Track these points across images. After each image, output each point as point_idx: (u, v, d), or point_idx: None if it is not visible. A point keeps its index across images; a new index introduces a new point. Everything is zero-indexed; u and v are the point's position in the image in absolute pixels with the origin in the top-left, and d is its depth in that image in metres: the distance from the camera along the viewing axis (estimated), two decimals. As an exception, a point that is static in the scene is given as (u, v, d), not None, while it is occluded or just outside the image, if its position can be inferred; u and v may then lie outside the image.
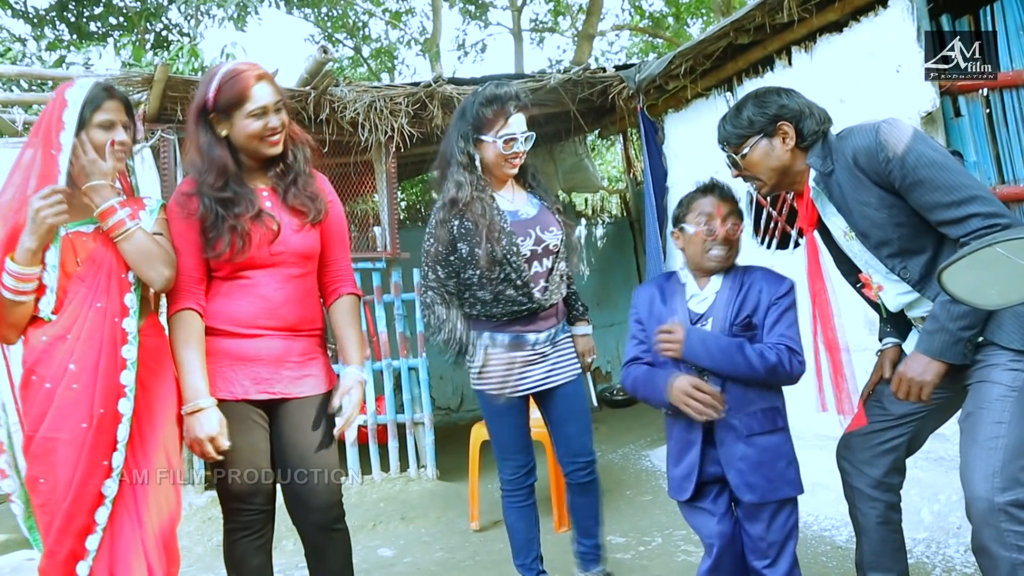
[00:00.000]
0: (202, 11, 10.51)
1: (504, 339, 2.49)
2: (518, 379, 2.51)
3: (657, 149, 5.06)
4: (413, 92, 4.70)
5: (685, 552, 3.26)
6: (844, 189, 1.89)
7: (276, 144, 2.07)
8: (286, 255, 2.07)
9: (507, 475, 2.61)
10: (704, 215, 2.08)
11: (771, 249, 4.19)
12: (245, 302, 2.04)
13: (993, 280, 1.66)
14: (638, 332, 2.20)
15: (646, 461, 5.08)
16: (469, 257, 2.42)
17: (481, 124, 2.44)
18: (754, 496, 1.99)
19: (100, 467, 1.85)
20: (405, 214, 7.80)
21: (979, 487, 1.71)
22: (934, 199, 1.75)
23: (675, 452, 2.12)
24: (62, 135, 1.92)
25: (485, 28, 15.05)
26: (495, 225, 2.39)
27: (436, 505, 4.32)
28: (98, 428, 1.85)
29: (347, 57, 14.01)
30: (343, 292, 2.22)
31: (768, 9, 3.78)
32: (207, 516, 4.08)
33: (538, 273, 2.49)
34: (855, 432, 2.10)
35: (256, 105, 2.00)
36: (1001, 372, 1.76)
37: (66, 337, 1.88)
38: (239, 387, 2.02)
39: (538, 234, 2.49)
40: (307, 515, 2.09)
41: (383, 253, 4.93)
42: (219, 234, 1.99)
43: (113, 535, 1.86)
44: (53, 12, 10.25)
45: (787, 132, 1.95)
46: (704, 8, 12.99)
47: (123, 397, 1.90)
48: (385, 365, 4.74)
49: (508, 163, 2.47)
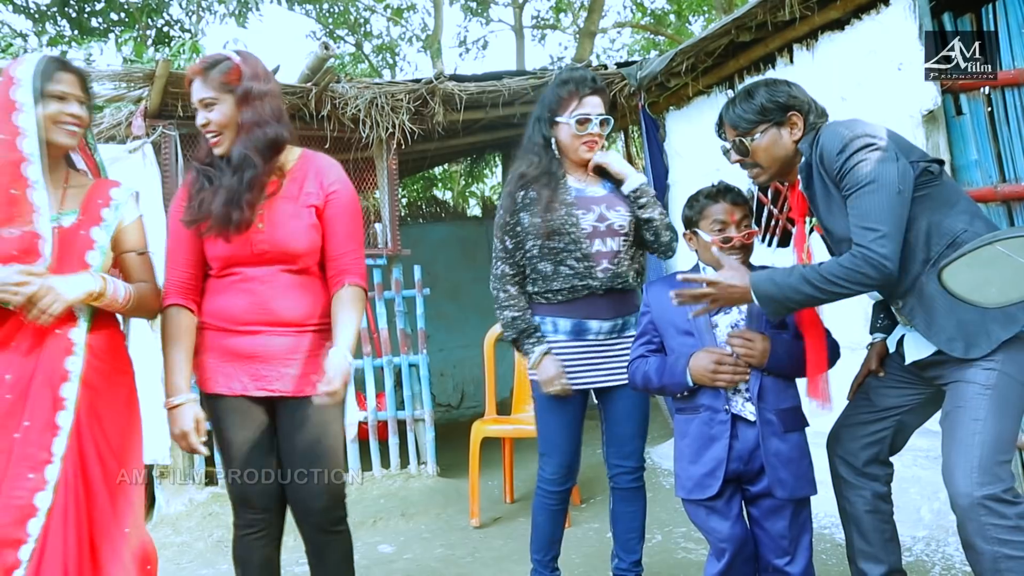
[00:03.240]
0: (204, 7, 10.51)
1: (566, 324, 2.41)
2: (577, 372, 2.40)
3: (658, 146, 5.06)
4: (415, 89, 4.70)
5: (685, 549, 3.27)
6: (814, 182, 1.92)
7: (216, 145, 2.03)
8: (272, 253, 2.03)
9: (547, 473, 2.47)
10: (718, 222, 2.08)
11: (772, 247, 4.19)
12: (236, 298, 2.03)
13: (993, 278, 1.68)
14: (650, 331, 2.18)
15: (647, 458, 5.06)
16: (530, 227, 2.40)
17: (556, 106, 2.43)
18: (785, 492, 2.00)
19: (26, 479, 1.77)
20: (406, 211, 7.80)
21: (960, 483, 1.74)
22: (854, 215, 1.79)
23: (693, 449, 2.06)
24: (17, 117, 1.81)
25: (487, 25, 15.04)
26: (556, 196, 2.36)
27: (436, 502, 4.32)
28: (24, 441, 1.78)
29: (348, 53, 13.96)
30: (346, 281, 2.08)
31: (770, 7, 3.78)
32: (207, 512, 4.09)
33: (601, 252, 2.39)
34: (843, 423, 2.12)
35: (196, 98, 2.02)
36: (976, 372, 1.80)
37: (8, 345, 1.82)
38: (237, 383, 2.02)
39: (603, 211, 2.41)
40: (307, 516, 2.07)
41: (384, 250, 4.93)
42: (201, 199, 2.00)
43: (45, 548, 1.77)
44: (55, 8, 10.23)
45: (796, 123, 1.96)
46: (706, 6, 12.97)
47: (61, 410, 1.82)
48: (386, 362, 4.74)
49: (583, 145, 2.43)
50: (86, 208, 1.95)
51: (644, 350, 2.18)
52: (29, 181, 1.82)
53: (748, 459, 2.02)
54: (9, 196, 1.81)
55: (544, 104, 2.48)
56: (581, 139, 2.42)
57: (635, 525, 2.51)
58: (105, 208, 1.97)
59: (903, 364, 2.02)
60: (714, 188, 2.15)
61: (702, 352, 2.01)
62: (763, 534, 2.06)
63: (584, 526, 3.71)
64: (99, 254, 1.92)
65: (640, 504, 2.52)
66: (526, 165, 2.45)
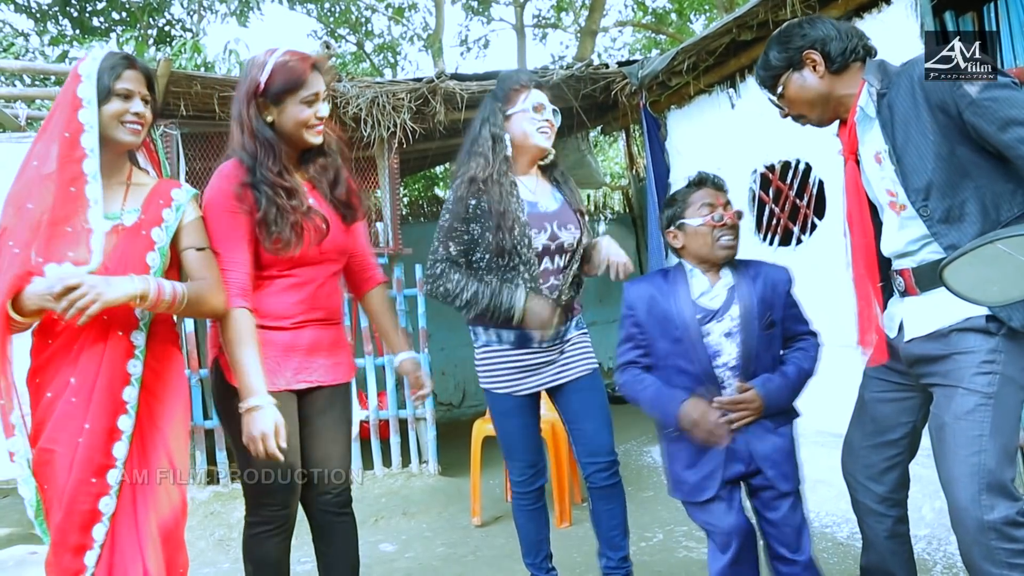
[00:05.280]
0: (205, 6, 10.52)
1: (510, 335, 2.39)
2: (525, 378, 2.42)
3: (660, 145, 5.06)
4: (416, 88, 4.70)
5: (686, 548, 3.27)
6: (895, 109, 1.79)
7: (320, 134, 2.07)
8: (332, 252, 2.10)
9: (515, 476, 2.51)
10: (706, 205, 2.08)
11: (773, 246, 4.19)
12: (293, 298, 2.04)
13: (995, 277, 1.64)
14: (636, 335, 2.14)
15: (647, 457, 5.09)
16: (480, 239, 2.36)
17: (506, 100, 2.42)
18: (789, 485, 2.04)
19: (90, 484, 1.77)
20: (407, 210, 7.80)
21: (967, 506, 1.67)
22: (1009, 115, 1.62)
23: (689, 455, 2.06)
24: (82, 114, 1.80)
25: (488, 24, 15.05)
26: (510, 213, 2.31)
27: (438, 500, 4.33)
28: (88, 444, 1.77)
29: (349, 53, 13.99)
30: (378, 280, 2.32)
31: (771, 5, 3.78)
32: (209, 511, 4.10)
33: (548, 270, 2.39)
34: (856, 448, 2.04)
35: (310, 92, 2.00)
36: (974, 376, 1.70)
37: (71, 347, 1.80)
38: (282, 379, 2.02)
39: (554, 230, 2.40)
40: (318, 496, 2.13)
41: (386, 249, 4.93)
42: (280, 230, 1.95)
43: (112, 551, 1.79)
44: (56, 7, 10.24)
45: (814, 60, 1.89)
46: (707, 5, 12.97)
47: (123, 414, 1.82)
48: (387, 360, 4.75)
49: (540, 132, 2.41)
50: (147, 208, 1.91)
51: (633, 355, 2.14)
52: (87, 176, 1.81)
53: (748, 460, 2.03)
54: (68, 194, 1.79)
55: (493, 102, 2.44)
56: (536, 125, 2.40)
57: (616, 522, 2.46)
58: (166, 209, 1.93)
59: (896, 363, 1.94)
60: (691, 180, 2.16)
61: (697, 403, 1.99)
62: (768, 525, 2.07)
63: (585, 524, 3.70)
64: (159, 255, 1.89)
65: (619, 500, 2.46)
66: (476, 168, 2.37)
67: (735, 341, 2.03)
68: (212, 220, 1.98)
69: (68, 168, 1.79)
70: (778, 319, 2.07)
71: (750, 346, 2.03)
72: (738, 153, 4.31)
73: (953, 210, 1.73)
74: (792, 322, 2.12)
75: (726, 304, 2.05)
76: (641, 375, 2.12)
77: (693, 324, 2.04)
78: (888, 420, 1.98)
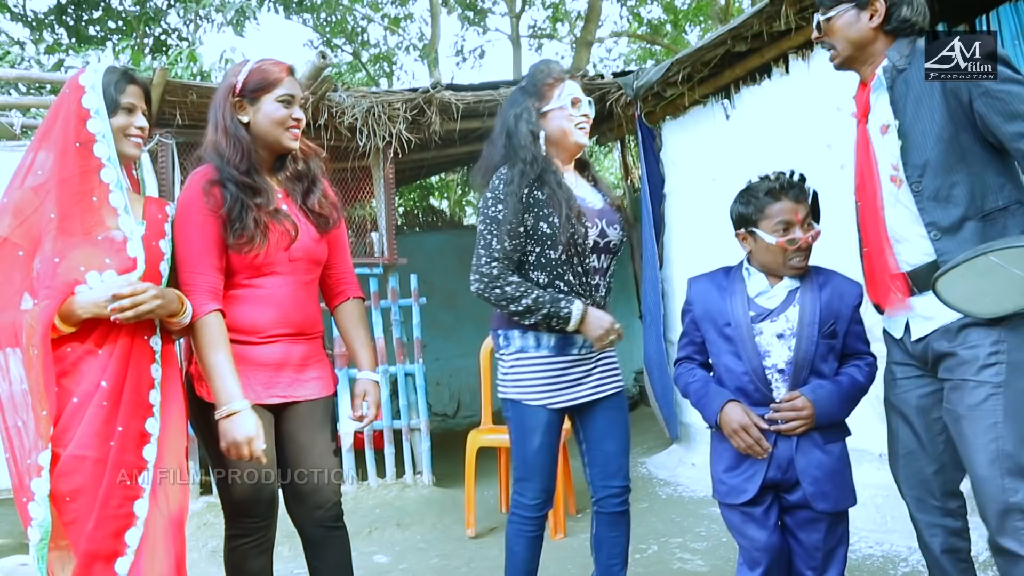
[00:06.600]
0: (201, 16, 10.53)
1: (551, 340, 2.22)
2: (561, 389, 2.24)
3: (654, 156, 5.07)
4: (411, 98, 4.71)
5: (681, 560, 3.26)
6: (911, 85, 1.84)
7: (297, 138, 2.07)
8: (303, 261, 2.07)
9: (527, 499, 2.28)
10: (782, 223, 1.95)
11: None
12: (263, 310, 2.02)
13: (988, 288, 1.67)
14: (692, 332, 2.12)
15: (642, 468, 5.08)
16: (533, 231, 2.21)
17: (540, 95, 2.29)
18: (828, 505, 1.93)
19: (125, 487, 1.77)
20: (403, 220, 7.81)
21: (991, 491, 1.73)
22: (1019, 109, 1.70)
23: (731, 456, 2.01)
24: (91, 124, 1.83)
25: (484, 34, 15.11)
26: (573, 202, 2.18)
27: (432, 511, 4.31)
28: (121, 447, 1.78)
29: (345, 62, 14.01)
30: (350, 295, 2.25)
31: (766, 17, 3.80)
32: (202, 522, 4.07)
33: (595, 268, 2.27)
34: (900, 460, 2.02)
35: (285, 91, 2.02)
36: (981, 369, 1.75)
37: (97, 352, 1.80)
38: (252, 392, 1.99)
39: (603, 226, 2.27)
40: (309, 512, 2.09)
41: (380, 259, 4.93)
42: (243, 225, 1.94)
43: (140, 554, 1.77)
44: (52, 16, 10.25)
45: (877, 8, 1.91)
46: (702, 16, 13.04)
47: (150, 416, 1.84)
48: (382, 371, 4.74)
49: (578, 128, 2.29)
50: (151, 220, 1.96)
51: (689, 351, 2.13)
52: (109, 186, 1.84)
53: (786, 468, 1.95)
54: (91, 203, 1.82)
55: (525, 97, 2.30)
56: (575, 121, 2.29)
57: (618, 551, 2.34)
58: (166, 223, 1.99)
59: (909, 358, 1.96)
60: (775, 184, 2.00)
61: (737, 409, 1.95)
62: (797, 545, 2.00)
63: (580, 536, 3.69)
64: (168, 266, 1.94)
65: (624, 528, 2.33)
66: (525, 159, 2.21)
67: (787, 344, 1.97)
68: (182, 222, 1.99)
69: (87, 179, 1.82)
70: (840, 332, 1.99)
71: (803, 352, 1.95)
72: (732, 164, 4.32)
73: (942, 190, 1.80)
74: (854, 339, 2.02)
75: (783, 306, 1.99)
76: (693, 368, 2.11)
77: (745, 321, 1.98)
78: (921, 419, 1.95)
